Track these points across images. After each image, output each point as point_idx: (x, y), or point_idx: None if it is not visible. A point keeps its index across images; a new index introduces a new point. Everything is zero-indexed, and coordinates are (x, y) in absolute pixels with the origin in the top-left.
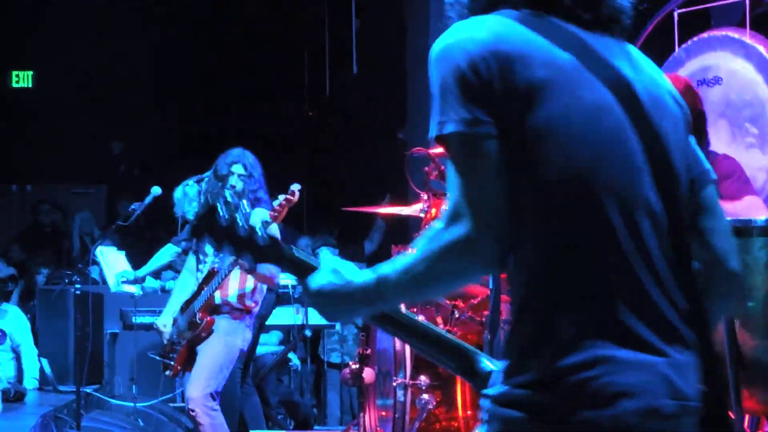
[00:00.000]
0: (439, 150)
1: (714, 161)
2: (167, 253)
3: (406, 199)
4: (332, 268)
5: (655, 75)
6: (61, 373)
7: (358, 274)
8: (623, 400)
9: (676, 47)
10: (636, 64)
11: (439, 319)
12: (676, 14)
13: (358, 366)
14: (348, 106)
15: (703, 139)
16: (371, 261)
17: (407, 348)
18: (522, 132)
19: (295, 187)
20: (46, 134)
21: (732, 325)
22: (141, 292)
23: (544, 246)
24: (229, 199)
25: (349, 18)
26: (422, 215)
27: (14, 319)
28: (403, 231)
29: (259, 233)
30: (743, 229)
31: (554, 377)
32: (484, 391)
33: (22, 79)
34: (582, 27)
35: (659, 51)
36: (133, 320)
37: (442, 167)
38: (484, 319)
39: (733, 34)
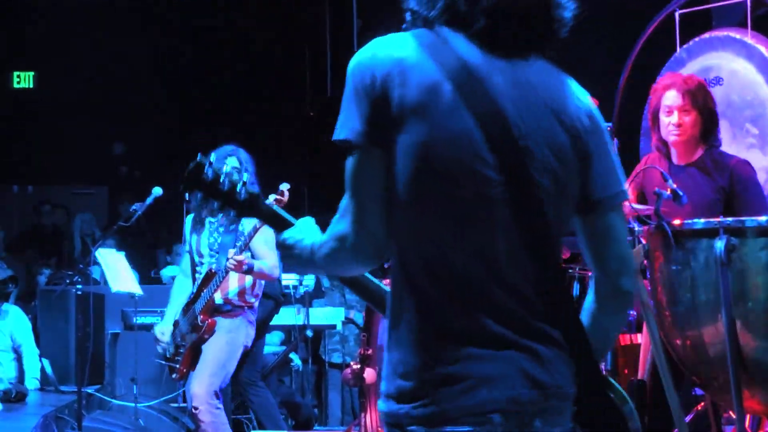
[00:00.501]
0: None
1: (728, 164)
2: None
3: None
4: (301, 226)
5: (555, 101)
6: (62, 374)
7: (311, 236)
8: (482, 390)
9: (678, 47)
10: (530, 90)
11: None
12: (677, 14)
13: (359, 366)
14: None
15: (713, 139)
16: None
17: None
18: (394, 149)
19: (284, 187)
20: (47, 135)
21: (733, 327)
22: (142, 293)
23: (407, 259)
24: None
25: (351, 18)
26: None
27: (15, 320)
28: None
29: (240, 188)
30: (744, 230)
31: (424, 374)
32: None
33: (24, 80)
34: (491, 46)
35: (661, 51)
36: (134, 321)
37: None
38: None
39: (734, 34)
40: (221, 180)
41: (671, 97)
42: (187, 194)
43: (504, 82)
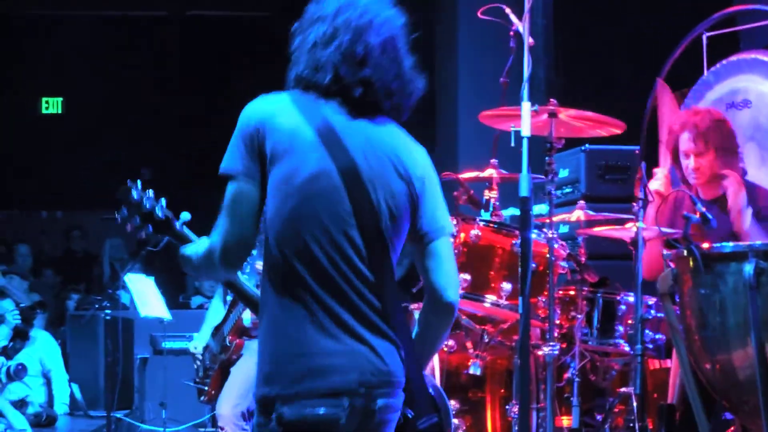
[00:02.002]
0: (469, 175)
1: (754, 192)
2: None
3: None
4: (199, 242)
5: (395, 155)
6: (91, 398)
7: (201, 247)
8: (335, 377)
9: (705, 70)
10: (377, 144)
11: (468, 344)
12: (705, 37)
13: None
14: None
15: (736, 168)
16: (401, 286)
17: (437, 373)
18: (267, 182)
19: None
20: (75, 160)
21: (763, 350)
22: (170, 317)
23: (271, 271)
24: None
25: None
26: (451, 239)
27: (44, 345)
28: None
29: (158, 210)
30: None
31: (289, 365)
32: None
33: (52, 106)
34: (350, 108)
35: (688, 74)
36: (163, 345)
37: (471, 192)
38: (513, 344)
39: (762, 56)
40: (143, 202)
41: (685, 141)
42: (116, 211)
43: (358, 139)
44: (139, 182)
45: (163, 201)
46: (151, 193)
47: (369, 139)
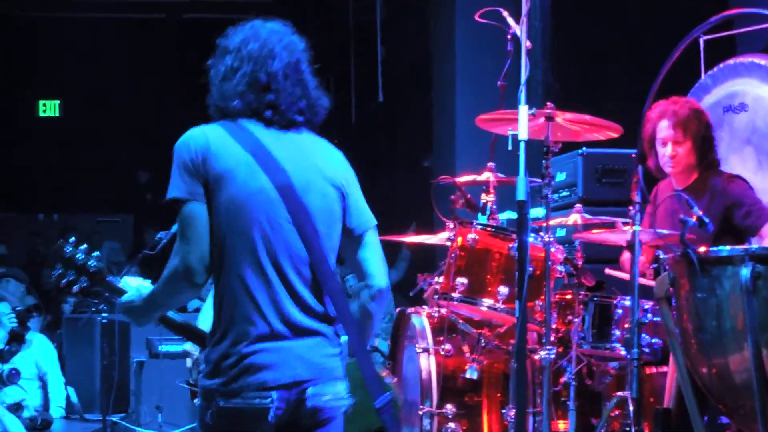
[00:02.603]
0: (466, 178)
1: (723, 181)
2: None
3: (432, 228)
4: (134, 290)
5: (320, 162)
6: (87, 402)
7: (146, 290)
8: (266, 373)
9: (702, 74)
10: (304, 155)
11: (465, 348)
12: (702, 41)
13: None
14: (374, 134)
15: (710, 161)
16: (397, 290)
17: (434, 377)
18: (213, 205)
19: None
20: (72, 163)
21: (759, 354)
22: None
23: (220, 280)
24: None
25: (375, 46)
26: (448, 243)
27: (40, 348)
28: (429, 259)
29: (92, 263)
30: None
31: (225, 364)
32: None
33: (49, 109)
34: (274, 127)
35: (685, 77)
36: (159, 349)
37: (468, 196)
38: (510, 348)
39: (759, 60)
40: (77, 256)
41: (663, 129)
42: (51, 270)
43: (286, 151)
44: (72, 239)
45: (95, 254)
46: (83, 246)
47: (296, 151)
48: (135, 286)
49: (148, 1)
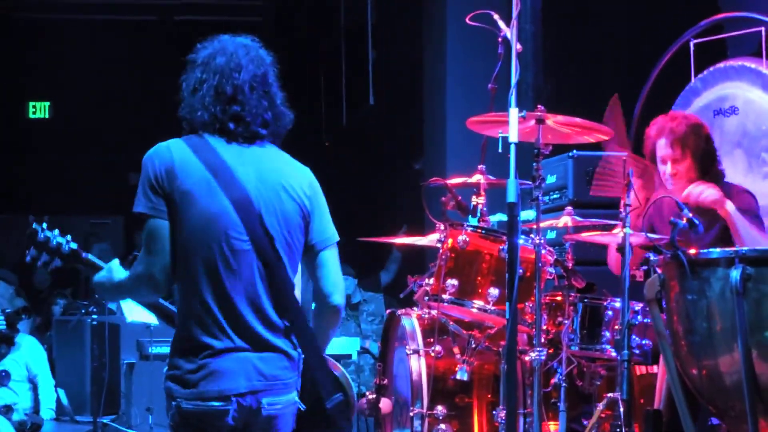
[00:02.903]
0: (457, 181)
1: (731, 192)
2: None
3: (423, 230)
4: (108, 268)
5: (283, 178)
6: (77, 404)
7: (118, 274)
8: (226, 380)
9: (693, 77)
10: (267, 173)
11: (455, 349)
12: (692, 44)
13: (375, 396)
14: (365, 136)
15: (713, 174)
16: (388, 291)
17: (424, 378)
18: (176, 221)
19: None
20: (63, 165)
21: (749, 356)
22: (157, 323)
23: (183, 293)
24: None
25: (366, 49)
26: (439, 245)
27: (30, 350)
28: (420, 261)
29: (64, 245)
30: (760, 259)
31: (187, 370)
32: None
33: (39, 110)
34: (238, 141)
35: (676, 80)
36: (150, 350)
37: (459, 198)
38: (500, 349)
39: (749, 63)
40: (51, 240)
41: (662, 147)
42: (26, 251)
43: (248, 167)
44: (44, 224)
45: (69, 237)
46: (57, 231)
47: (259, 169)
48: (108, 265)
49: (140, 3)
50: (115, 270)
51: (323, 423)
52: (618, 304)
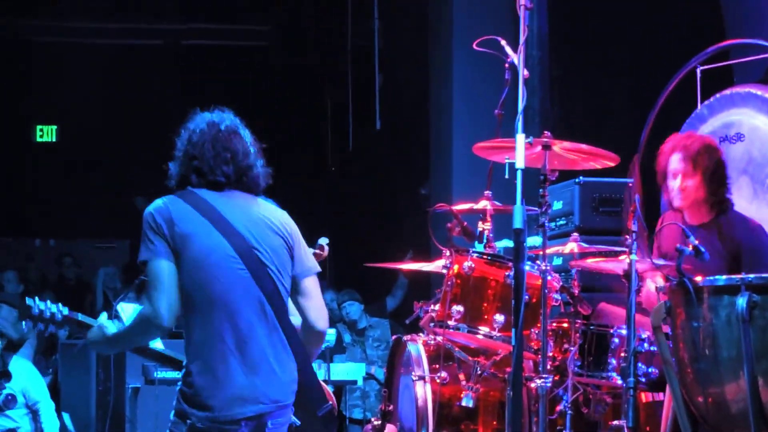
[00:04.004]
0: (463, 206)
1: (739, 229)
2: None
3: (429, 255)
4: (98, 326)
5: (265, 216)
6: (82, 428)
7: (110, 328)
8: (236, 407)
9: (699, 104)
10: (251, 213)
11: (461, 376)
12: (699, 71)
13: (380, 422)
14: (371, 161)
15: (722, 199)
16: (394, 317)
17: (430, 404)
18: (180, 262)
19: (323, 242)
20: (69, 188)
21: (755, 384)
22: (163, 347)
23: (191, 327)
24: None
25: (373, 73)
26: (444, 271)
27: (27, 377)
28: (426, 287)
29: (57, 313)
30: (766, 287)
31: (199, 396)
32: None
33: (46, 134)
34: (222, 189)
35: (682, 107)
36: (155, 375)
37: (465, 223)
38: (506, 376)
39: (755, 90)
40: (45, 312)
41: (675, 161)
42: (23, 322)
43: (234, 210)
44: (36, 298)
45: (59, 304)
46: (49, 302)
47: (245, 212)
48: (98, 323)
49: (147, 27)
50: (106, 325)
51: (314, 428)
52: (624, 332)
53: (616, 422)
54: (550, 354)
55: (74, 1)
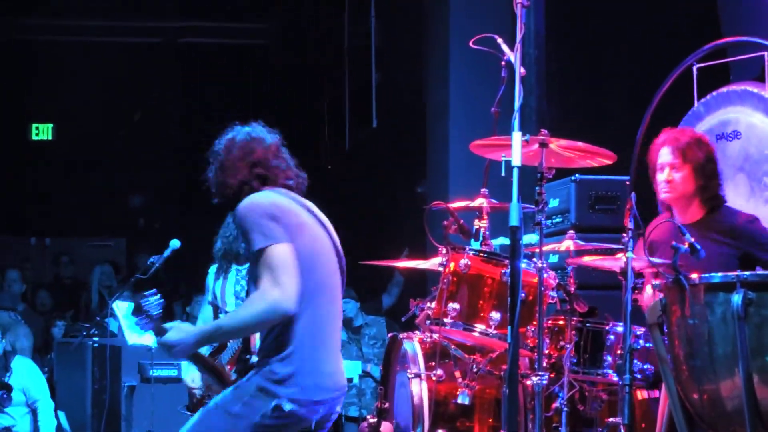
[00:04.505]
0: (459, 204)
1: (735, 224)
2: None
3: (425, 253)
4: (171, 328)
5: (321, 215)
6: (78, 426)
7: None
8: (321, 391)
9: (695, 102)
10: (318, 213)
11: (457, 373)
12: (695, 68)
13: (376, 420)
14: (367, 159)
15: (713, 195)
16: (390, 315)
17: (425, 402)
18: (295, 248)
19: None
20: (65, 187)
21: (750, 381)
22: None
23: (304, 311)
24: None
25: (369, 71)
26: (441, 269)
27: (28, 374)
28: (422, 284)
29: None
30: (761, 284)
31: (295, 380)
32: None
33: (42, 132)
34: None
35: (678, 105)
36: (151, 373)
37: (461, 221)
38: (502, 373)
39: (752, 88)
40: (149, 311)
41: (664, 154)
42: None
43: (314, 209)
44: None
45: (160, 305)
46: (153, 298)
47: (318, 211)
48: (172, 327)
49: (145, 25)
50: (186, 327)
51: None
52: (620, 329)
53: (611, 419)
54: (546, 351)
55: None
